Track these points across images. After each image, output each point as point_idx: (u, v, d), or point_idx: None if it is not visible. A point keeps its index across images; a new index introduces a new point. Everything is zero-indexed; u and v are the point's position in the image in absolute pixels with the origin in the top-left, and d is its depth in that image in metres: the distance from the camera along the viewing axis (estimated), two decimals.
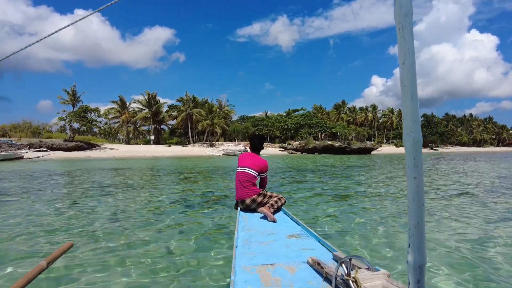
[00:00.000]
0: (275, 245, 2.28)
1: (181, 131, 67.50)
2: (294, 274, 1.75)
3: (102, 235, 4.63)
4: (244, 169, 3.54)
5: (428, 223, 5.42)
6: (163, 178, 13.15)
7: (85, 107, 42.81)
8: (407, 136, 0.89)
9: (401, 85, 0.90)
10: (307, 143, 56.17)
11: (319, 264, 1.71)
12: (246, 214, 3.31)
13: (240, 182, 3.49)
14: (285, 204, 3.49)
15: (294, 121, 67.82)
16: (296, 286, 1.61)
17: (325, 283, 1.61)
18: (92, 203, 7.26)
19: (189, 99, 63.57)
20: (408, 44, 0.88)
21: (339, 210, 6.60)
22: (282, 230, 2.69)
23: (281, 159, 33.29)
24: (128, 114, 59.64)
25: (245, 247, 2.23)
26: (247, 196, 3.40)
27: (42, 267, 1.36)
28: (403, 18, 0.89)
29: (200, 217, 5.82)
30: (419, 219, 0.89)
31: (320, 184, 11.05)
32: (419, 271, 0.89)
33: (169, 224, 5.33)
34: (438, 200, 7.71)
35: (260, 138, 3.86)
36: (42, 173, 15.03)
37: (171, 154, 43.67)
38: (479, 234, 4.77)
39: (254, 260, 1.97)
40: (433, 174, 15.16)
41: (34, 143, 38.44)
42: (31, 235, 4.64)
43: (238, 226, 2.79)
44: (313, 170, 18.11)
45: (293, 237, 2.46)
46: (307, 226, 2.67)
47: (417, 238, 0.89)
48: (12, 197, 8.16)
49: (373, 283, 1.39)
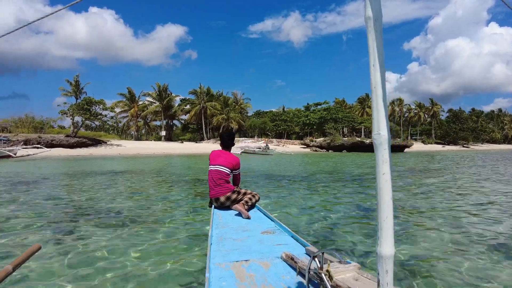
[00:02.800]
0: (249, 242, 2.28)
1: (194, 126, 62.73)
2: (268, 269, 1.77)
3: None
4: (217, 167, 3.50)
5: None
6: (175, 192, 8.13)
7: (88, 99, 38.36)
8: (376, 134, 0.95)
9: (371, 86, 0.97)
10: (334, 139, 50.45)
11: (293, 259, 1.75)
12: (220, 212, 3.28)
13: (213, 180, 3.44)
14: (259, 200, 3.48)
15: (317, 116, 61.94)
16: (270, 281, 1.62)
17: (298, 277, 1.64)
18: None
19: (203, 91, 58.64)
20: (378, 47, 0.95)
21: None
22: (256, 226, 2.70)
23: (306, 158, 28.01)
24: (138, 108, 55.21)
25: (220, 244, 2.22)
26: (222, 194, 3.38)
27: (8, 272, 1.29)
28: (373, 22, 0.94)
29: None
30: (388, 213, 0.94)
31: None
32: (387, 262, 0.94)
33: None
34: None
35: (229, 135, 3.79)
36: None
37: (184, 151, 38.93)
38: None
39: (229, 257, 1.97)
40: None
41: (31, 139, 34.36)
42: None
43: (212, 224, 2.77)
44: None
45: (267, 233, 2.48)
46: (281, 222, 2.69)
47: (386, 231, 0.94)
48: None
49: (344, 275, 1.44)
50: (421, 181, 10.92)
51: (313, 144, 53.95)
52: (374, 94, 0.95)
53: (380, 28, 0.95)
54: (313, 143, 54.81)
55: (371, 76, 0.95)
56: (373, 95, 0.96)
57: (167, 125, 60.35)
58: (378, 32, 0.94)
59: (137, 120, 57.63)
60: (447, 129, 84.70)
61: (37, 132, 43.00)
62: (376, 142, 0.95)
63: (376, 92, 0.95)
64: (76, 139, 37.31)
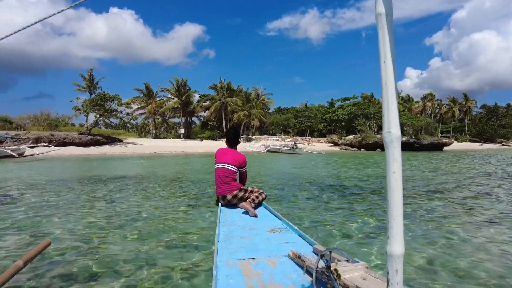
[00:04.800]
0: (256, 240, 2.27)
1: (213, 123, 59.54)
2: (275, 267, 1.76)
3: None
4: (224, 165, 3.48)
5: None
6: (200, 205, 5.01)
7: (102, 94, 35.70)
8: (387, 132, 0.93)
9: (381, 83, 0.94)
10: (366, 137, 45.91)
11: (300, 257, 1.73)
12: (227, 209, 3.27)
13: (220, 178, 3.43)
14: (266, 199, 3.45)
15: (345, 111, 57.33)
16: (277, 279, 1.61)
17: (306, 275, 1.62)
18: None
19: (223, 86, 55.28)
20: (389, 43, 0.93)
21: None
22: (263, 224, 2.67)
23: (339, 158, 23.98)
24: (155, 104, 52.53)
25: (227, 242, 2.21)
26: (229, 192, 3.37)
27: (19, 267, 1.30)
28: (384, 18, 0.93)
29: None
30: (398, 211, 0.92)
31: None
32: (397, 261, 0.92)
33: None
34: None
35: (234, 133, 3.76)
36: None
37: (204, 150, 35.73)
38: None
39: (236, 255, 1.96)
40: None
41: (43, 137, 32.07)
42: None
43: (219, 222, 2.74)
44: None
45: (274, 231, 2.46)
46: (287, 220, 2.66)
47: (396, 230, 0.92)
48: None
49: (352, 274, 1.41)
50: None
51: (342, 143, 49.59)
52: (385, 91, 0.93)
53: (391, 24, 0.93)
54: (342, 141, 50.46)
55: (382, 73, 0.94)
56: (383, 92, 0.93)
57: (186, 123, 57.48)
58: (389, 28, 0.93)
59: (154, 117, 55.03)
60: (484, 126, 78.05)
61: (52, 129, 41.04)
62: (386, 140, 0.93)
63: (387, 89, 0.93)
64: (89, 137, 34.79)
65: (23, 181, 10.00)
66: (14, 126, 40.09)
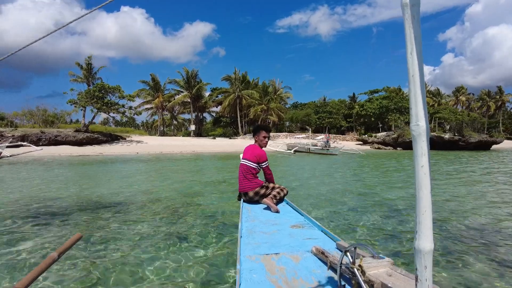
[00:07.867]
0: (278, 235, 2.24)
1: (227, 119, 54.20)
2: (299, 263, 1.74)
3: None
4: (244, 161, 3.47)
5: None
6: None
7: (101, 85, 30.68)
8: (415, 125, 0.90)
9: (408, 75, 0.92)
10: (403, 134, 39.86)
11: (323, 253, 1.71)
12: (250, 205, 3.25)
13: (242, 174, 3.41)
14: (287, 194, 3.39)
15: (375, 105, 51.08)
16: (301, 274, 1.59)
17: (329, 271, 1.60)
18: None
19: (238, 77, 49.83)
20: (415, 34, 0.90)
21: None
22: (285, 220, 2.66)
23: (380, 160, 18.27)
24: (163, 98, 47.42)
25: (250, 237, 2.18)
26: (250, 189, 3.33)
27: (54, 258, 1.35)
28: (409, 9, 0.89)
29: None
30: (426, 206, 0.91)
31: None
32: (426, 257, 0.90)
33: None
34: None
35: (255, 129, 3.69)
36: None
37: (218, 150, 30.46)
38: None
39: (259, 250, 1.94)
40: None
41: (30, 135, 27.35)
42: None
43: (242, 217, 2.73)
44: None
45: (297, 227, 2.42)
46: (310, 216, 2.62)
47: (424, 225, 0.91)
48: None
49: (377, 270, 1.37)
50: None
51: (373, 140, 43.60)
52: (412, 83, 0.90)
53: (417, 14, 0.90)
54: (373, 138, 44.47)
55: (409, 65, 0.90)
56: (411, 85, 0.90)
57: (196, 119, 52.32)
58: (415, 19, 0.89)
59: (162, 112, 50.01)
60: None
61: (47, 126, 36.47)
62: (414, 134, 0.90)
63: (414, 81, 0.90)
64: (86, 134, 29.90)
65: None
66: (5, 122, 35.65)
